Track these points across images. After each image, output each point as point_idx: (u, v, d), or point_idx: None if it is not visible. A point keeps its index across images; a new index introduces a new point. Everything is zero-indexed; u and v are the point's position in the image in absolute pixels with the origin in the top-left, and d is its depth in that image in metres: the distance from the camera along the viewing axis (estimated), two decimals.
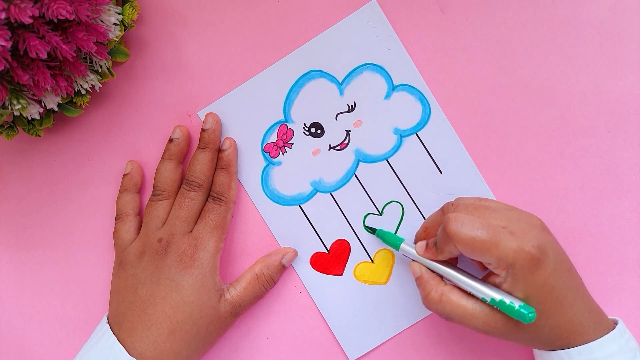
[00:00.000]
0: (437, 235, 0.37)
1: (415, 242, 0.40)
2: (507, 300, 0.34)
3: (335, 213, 0.44)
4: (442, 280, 0.38)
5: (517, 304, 0.34)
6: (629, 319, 0.41)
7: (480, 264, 0.39)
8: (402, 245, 0.40)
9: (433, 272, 0.38)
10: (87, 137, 0.45)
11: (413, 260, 0.39)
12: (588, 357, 0.35)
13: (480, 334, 0.39)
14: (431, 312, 0.43)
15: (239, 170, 0.44)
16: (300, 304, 0.44)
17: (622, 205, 0.42)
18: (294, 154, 0.44)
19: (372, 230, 0.43)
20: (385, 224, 0.43)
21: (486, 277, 0.36)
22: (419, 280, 0.38)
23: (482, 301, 0.36)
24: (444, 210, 0.39)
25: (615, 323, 0.37)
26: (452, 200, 0.39)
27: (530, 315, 0.33)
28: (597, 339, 0.35)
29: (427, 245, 0.38)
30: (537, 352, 0.39)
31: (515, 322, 0.35)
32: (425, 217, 0.43)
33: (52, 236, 0.46)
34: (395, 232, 0.43)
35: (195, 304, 0.40)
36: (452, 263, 0.39)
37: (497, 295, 0.35)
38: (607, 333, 0.36)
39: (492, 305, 0.35)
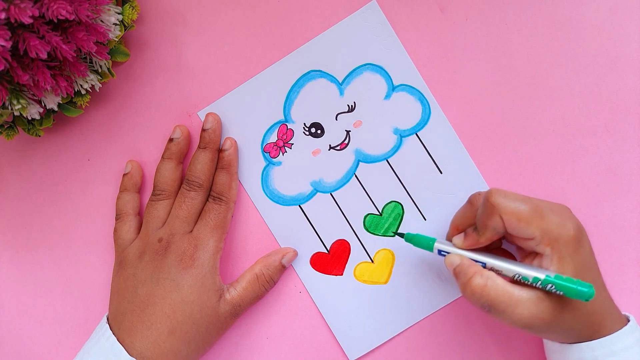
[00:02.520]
0: (477, 217, 0.36)
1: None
2: (564, 275, 0.33)
3: (335, 213, 0.44)
4: (484, 267, 0.36)
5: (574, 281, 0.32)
6: None
7: (520, 251, 0.37)
8: (436, 244, 0.38)
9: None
10: (87, 137, 0.45)
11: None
12: (608, 350, 0.35)
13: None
14: (431, 313, 0.43)
15: (239, 170, 0.44)
16: (300, 304, 0.44)
17: (622, 205, 0.42)
18: (294, 154, 0.44)
19: (400, 235, 0.41)
20: (385, 223, 0.43)
21: (529, 261, 0.35)
22: (458, 268, 0.36)
23: (529, 287, 0.33)
24: (472, 201, 0.37)
25: (627, 317, 0.37)
26: (480, 191, 0.38)
27: (589, 291, 0.31)
28: (615, 331, 0.35)
29: (466, 233, 0.37)
30: (551, 346, 0.38)
31: (561, 308, 0.33)
32: (426, 217, 0.43)
33: (52, 236, 0.46)
34: (395, 232, 0.43)
35: (195, 304, 0.40)
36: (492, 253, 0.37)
37: (551, 272, 0.33)
38: (624, 326, 0.36)
39: (544, 286, 0.33)
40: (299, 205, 0.44)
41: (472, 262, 0.36)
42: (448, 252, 0.38)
